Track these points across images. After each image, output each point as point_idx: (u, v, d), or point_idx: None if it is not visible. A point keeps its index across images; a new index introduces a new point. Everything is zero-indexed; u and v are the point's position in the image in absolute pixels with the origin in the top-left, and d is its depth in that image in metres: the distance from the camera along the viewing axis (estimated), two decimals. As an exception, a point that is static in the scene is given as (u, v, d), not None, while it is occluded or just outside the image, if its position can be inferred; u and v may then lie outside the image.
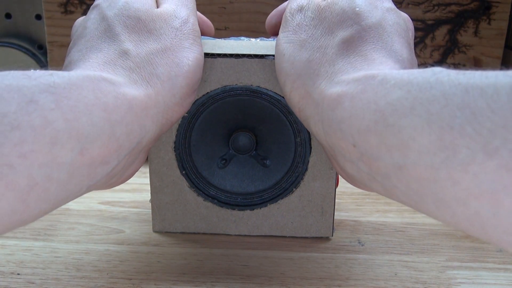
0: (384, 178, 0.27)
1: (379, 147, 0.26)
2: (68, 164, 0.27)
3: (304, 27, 0.34)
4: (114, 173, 0.31)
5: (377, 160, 0.27)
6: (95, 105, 0.28)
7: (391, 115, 0.26)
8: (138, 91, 0.31)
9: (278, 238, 0.44)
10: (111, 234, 0.45)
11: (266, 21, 0.44)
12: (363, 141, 0.27)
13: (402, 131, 0.25)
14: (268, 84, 0.40)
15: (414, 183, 0.25)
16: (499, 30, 0.58)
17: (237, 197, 0.44)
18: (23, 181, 0.25)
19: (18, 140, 0.24)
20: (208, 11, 0.57)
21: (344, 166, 0.31)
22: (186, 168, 0.43)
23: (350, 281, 0.39)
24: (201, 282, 0.39)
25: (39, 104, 0.25)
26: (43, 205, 0.27)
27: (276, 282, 0.39)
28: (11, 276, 0.39)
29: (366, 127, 0.27)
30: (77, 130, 0.27)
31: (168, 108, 0.33)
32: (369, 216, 0.49)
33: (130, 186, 0.54)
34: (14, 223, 0.26)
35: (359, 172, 0.30)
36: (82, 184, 0.29)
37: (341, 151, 0.30)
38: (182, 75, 0.33)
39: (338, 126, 0.29)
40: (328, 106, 0.30)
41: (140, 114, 0.31)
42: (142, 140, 0.32)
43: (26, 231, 0.45)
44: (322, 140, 0.32)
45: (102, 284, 0.38)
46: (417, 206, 0.27)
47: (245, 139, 0.42)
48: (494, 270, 0.41)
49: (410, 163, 0.25)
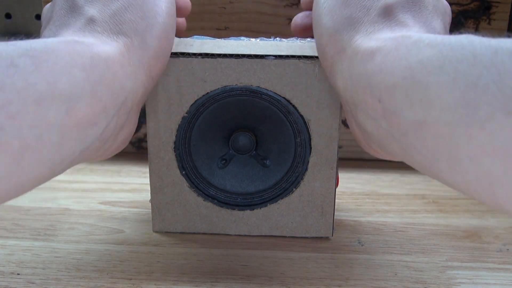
0: (402, 135, 0.28)
1: (403, 103, 0.27)
2: (57, 125, 0.27)
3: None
4: (106, 137, 0.32)
5: (399, 116, 0.28)
6: (73, 66, 0.29)
7: (420, 72, 0.26)
8: (111, 50, 0.32)
9: (278, 238, 0.44)
10: (111, 234, 0.45)
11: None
12: (389, 97, 0.28)
13: (429, 88, 0.26)
14: (268, 84, 0.40)
15: (431, 140, 0.26)
16: (499, 30, 0.58)
17: (237, 197, 0.44)
18: (15, 143, 0.25)
19: (4, 101, 0.25)
20: (208, 11, 0.57)
21: (365, 123, 0.32)
22: (186, 168, 0.43)
23: (350, 281, 0.39)
24: (201, 282, 0.39)
25: (19, 68, 0.26)
26: (38, 168, 0.27)
27: (276, 282, 0.39)
28: (11, 276, 0.39)
29: (394, 83, 0.28)
30: (59, 91, 0.27)
31: (145, 63, 0.34)
32: (369, 216, 0.49)
33: (130, 186, 0.54)
34: (12, 188, 0.27)
35: (379, 130, 0.31)
36: (75, 147, 0.29)
37: (365, 108, 0.31)
38: (149, 28, 0.34)
39: (367, 81, 0.30)
40: (361, 61, 0.31)
41: (118, 73, 0.32)
42: (127, 100, 0.33)
43: (26, 231, 0.45)
44: (347, 97, 0.33)
45: (102, 284, 0.38)
46: (430, 166, 0.28)
47: (245, 139, 0.42)
48: (494, 270, 0.41)
49: (431, 120, 0.26)
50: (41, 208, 0.49)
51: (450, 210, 0.50)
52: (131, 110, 0.34)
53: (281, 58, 0.39)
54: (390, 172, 0.59)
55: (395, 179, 0.57)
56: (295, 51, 0.40)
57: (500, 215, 0.49)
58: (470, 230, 0.47)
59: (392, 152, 0.31)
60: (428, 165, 0.28)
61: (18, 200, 0.50)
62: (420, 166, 0.29)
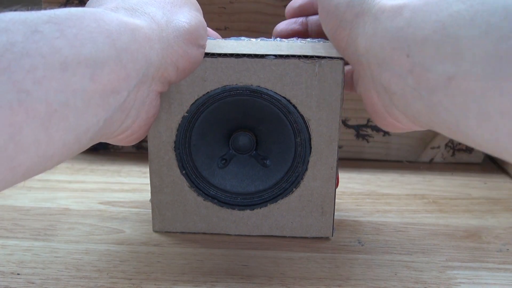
0: (430, 92, 0.28)
1: (433, 57, 0.27)
2: (81, 90, 0.27)
3: None
4: (128, 108, 0.32)
5: (428, 71, 0.27)
6: (99, 32, 0.29)
7: (451, 25, 0.26)
8: (140, 22, 0.32)
9: (278, 238, 0.44)
10: (111, 234, 0.45)
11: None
12: (418, 51, 0.28)
13: (460, 41, 0.25)
14: (268, 84, 0.40)
15: (460, 96, 0.26)
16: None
17: (237, 197, 0.44)
18: (42, 108, 0.25)
19: (30, 66, 0.25)
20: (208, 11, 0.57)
21: (389, 82, 0.31)
22: (186, 168, 0.43)
23: (350, 281, 0.39)
24: (201, 282, 0.39)
25: (44, 34, 0.26)
26: (65, 135, 0.27)
27: (276, 282, 0.39)
28: (11, 276, 0.39)
29: (423, 37, 0.28)
30: (84, 56, 0.27)
31: (173, 49, 0.34)
32: (369, 216, 0.49)
33: (130, 186, 0.54)
34: (41, 158, 0.27)
35: (404, 88, 0.30)
36: (99, 115, 0.29)
37: (391, 64, 0.30)
38: (184, 22, 0.35)
39: (395, 35, 0.30)
40: (387, 18, 0.31)
41: (144, 45, 0.32)
42: (148, 72, 0.33)
43: (26, 231, 0.45)
44: (370, 57, 0.33)
45: (102, 284, 0.38)
46: (457, 124, 0.27)
47: (245, 139, 0.42)
48: (494, 270, 0.41)
49: (461, 74, 0.25)
50: (41, 208, 0.49)
51: (450, 210, 0.50)
52: (151, 85, 0.34)
53: (281, 58, 0.39)
54: (390, 172, 0.59)
55: (395, 179, 0.57)
56: (295, 51, 0.40)
57: (500, 215, 0.49)
58: (470, 230, 0.47)
59: (415, 113, 0.31)
60: (455, 124, 0.27)
61: (18, 200, 0.50)
62: (446, 126, 0.29)
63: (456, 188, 0.56)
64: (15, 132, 0.25)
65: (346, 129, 0.61)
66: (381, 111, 0.35)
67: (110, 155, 0.62)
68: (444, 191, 0.55)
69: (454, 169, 0.61)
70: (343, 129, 0.61)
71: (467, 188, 0.56)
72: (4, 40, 0.24)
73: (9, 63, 0.24)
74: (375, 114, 0.36)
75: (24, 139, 0.25)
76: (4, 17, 0.25)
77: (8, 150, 0.25)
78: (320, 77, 0.40)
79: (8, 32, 0.25)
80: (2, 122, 0.24)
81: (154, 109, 0.36)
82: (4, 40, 0.24)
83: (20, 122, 0.25)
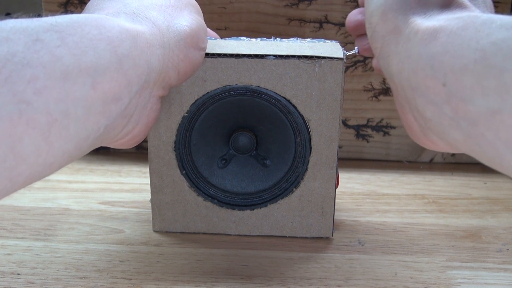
0: (470, 124, 0.26)
1: (473, 89, 0.25)
2: (82, 99, 0.27)
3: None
4: (129, 114, 0.32)
5: (468, 103, 0.26)
6: (100, 39, 0.29)
7: (495, 55, 0.24)
8: (142, 28, 0.32)
9: (278, 238, 0.44)
10: (111, 234, 0.45)
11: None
12: (455, 81, 0.26)
13: (505, 74, 0.24)
14: (268, 84, 0.40)
15: (505, 131, 0.24)
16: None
17: (237, 197, 0.44)
18: (42, 118, 0.25)
19: (31, 76, 0.25)
20: (208, 11, 0.57)
21: (424, 109, 0.30)
22: (186, 168, 0.43)
23: (350, 281, 0.39)
24: (201, 282, 0.39)
25: (45, 42, 0.26)
26: (65, 143, 0.27)
27: (276, 282, 0.39)
28: (11, 276, 0.39)
29: (462, 66, 0.26)
30: (85, 64, 0.27)
31: (174, 53, 0.34)
32: (369, 216, 0.49)
33: (130, 186, 0.54)
34: (41, 166, 0.26)
35: (441, 117, 0.28)
36: (99, 122, 0.29)
37: (426, 92, 0.29)
38: (185, 26, 0.35)
39: (428, 63, 0.28)
40: (421, 41, 0.29)
41: (146, 50, 0.32)
42: (150, 78, 0.33)
43: (26, 231, 0.45)
44: (403, 80, 0.31)
45: (102, 284, 0.38)
46: (502, 157, 0.26)
47: (245, 139, 0.42)
48: (494, 270, 0.41)
49: (508, 109, 0.24)
50: (41, 208, 0.49)
51: (450, 210, 0.50)
52: (153, 90, 0.34)
53: (281, 58, 0.39)
54: (390, 172, 0.59)
55: (395, 179, 0.57)
56: (295, 51, 0.40)
57: (500, 215, 0.49)
58: (470, 230, 0.47)
59: (453, 141, 0.29)
60: (497, 156, 0.26)
61: (18, 200, 0.50)
62: (486, 156, 0.27)
63: (456, 188, 0.56)
64: (15, 143, 0.24)
65: (346, 129, 0.61)
66: (417, 131, 0.34)
67: (110, 155, 0.62)
68: (444, 191, 0.55)
69: (454, 169, 0.61)
70: (343, 129, 0.61)
71: (467, 188, 0.56)
72: (5, 51, 0.24)
73: (9, 74, 0.24)
74: (412, 133, 0.35)
75: (24, 149, 0.25)
76: (5, 26, 0.25)
77: (7, 161, 0.24)
78: (320, 77, 0.40)
79: (9, 42, 0.25)
80: (2, 134, 0.24)
81: (155, 113, 0.36)
82: (5, 50, 0.24)
83: (20, 133, 0.24)
